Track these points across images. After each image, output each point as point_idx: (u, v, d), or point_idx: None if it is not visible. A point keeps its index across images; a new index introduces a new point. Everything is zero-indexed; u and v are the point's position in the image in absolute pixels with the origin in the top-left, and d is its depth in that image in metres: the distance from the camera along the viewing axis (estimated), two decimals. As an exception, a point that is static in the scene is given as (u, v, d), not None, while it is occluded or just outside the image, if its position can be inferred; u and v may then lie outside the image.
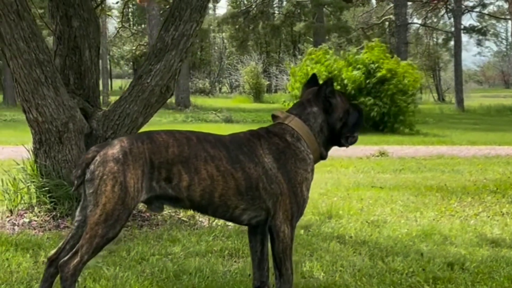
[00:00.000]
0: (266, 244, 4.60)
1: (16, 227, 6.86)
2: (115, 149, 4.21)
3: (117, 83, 75.10)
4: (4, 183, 7.49)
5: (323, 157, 4.64)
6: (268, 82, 52.76)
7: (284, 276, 4.46)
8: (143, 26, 54.13)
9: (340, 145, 4.70)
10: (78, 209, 4.40)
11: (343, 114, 4.60)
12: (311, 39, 50.76)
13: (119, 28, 44.97)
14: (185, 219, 7.30)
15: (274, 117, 4.64)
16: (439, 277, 5.19)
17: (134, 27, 50.54)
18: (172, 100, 39.70)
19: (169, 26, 7.15)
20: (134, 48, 55.51)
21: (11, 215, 7.22)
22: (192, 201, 4.33)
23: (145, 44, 45.27)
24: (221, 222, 7.19)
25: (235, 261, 5.76)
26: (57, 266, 4.27)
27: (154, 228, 6.93)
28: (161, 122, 28.96)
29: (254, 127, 4.76)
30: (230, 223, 7.09)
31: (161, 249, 6.00)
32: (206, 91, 56.58)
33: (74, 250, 4.28)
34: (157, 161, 4.23)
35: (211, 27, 55.56)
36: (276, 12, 55.30)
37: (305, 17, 49.20)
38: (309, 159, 4.46)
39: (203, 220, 7.29)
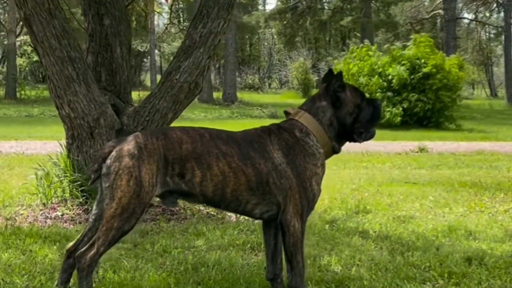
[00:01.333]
0: (279, 238, 4.68)
1: (48, 220, 7.04)
2: (130, 144, 4.35)
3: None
4: (39, 177, 7.69)
5: (335, 151, 4.70)
6: (317, 78, 52.58)
7: (296, 269, 4.54)
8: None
9: (353, 140, 4.74)
10: (95, 203, 4.56)
11: (353, 109, 4.64)
12: (359, 35, 50.57)
13: (168, 24, 45.48)
14: (213, 213, 7.41)
15: (286, 113, 4.72)
16: (455, 271, 5.21)
17: (183, 24, 50.76)
18: (219, 95, 39.97)
19: (197, 24, 7.27)
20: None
21: (45, 208, 7.43)
22: (205, 196, 4.44)
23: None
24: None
25: (255, 255, 5.85)
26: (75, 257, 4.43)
27: (182, 222, 7.05)
28: (206, 118, 29.24)
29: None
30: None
31: (184, 243, 6.12)
32: (255, 87, 56.60)
33: (90, 242, 4.42)
34: (171, 157, 4.35)
35: (260, 23, 55.63)
36: (326, 7, 55.08)
37: (353, 13, 48.96)
38: (318, 154, 4.53)
39: (231, 214, 7.39)
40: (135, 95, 22.32)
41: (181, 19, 57.55)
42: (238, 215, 7.32)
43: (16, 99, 37.68)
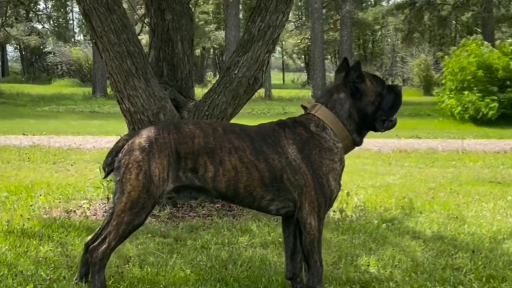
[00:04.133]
0: (298, 236, 4.52)
1: (106, 214, 7.11)
2: (142, 138, 4.30)
3: (289, 77, 75.93)
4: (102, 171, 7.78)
5: (356, 143, 4.51)
6: (439, 75, 51.29)
7: (313, 268, 4.39)
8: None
9: (375, 130, 4.55)
10: (113, 196, 4.52)
11: (375, 98, 4.45)
12: (480, 30, 48.99)
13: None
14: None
15: (303, 107, 4.55)
16: (494, 275, 4.93)
17: (299, 21, 50.85)
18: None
19: (255, 17, 7.16)
20: (299, 41, 55.95)
21: (108, 203, 7.51)
22: (219, 192, 4.34)
23: (308, 37, 45.39)
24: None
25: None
26: (91, 251, 4.42)
27: (236, 218, 6.96)
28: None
29: (409, 121, 4.67)
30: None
31: (227, 239, 6.04)
32: (377, 85, 55.68)
33: (103, 236, 4.41)
34: (183, 152, 4.27)
35: (377, 19, 54.88)
36: (446, 2, 53.68)
37: (473, 8, 47.48)
38: (336, 149, 4.35)
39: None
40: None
41: (297, 16, 57.54)
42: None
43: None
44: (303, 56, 72.93)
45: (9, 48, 71.85)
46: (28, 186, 8.51)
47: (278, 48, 72.04)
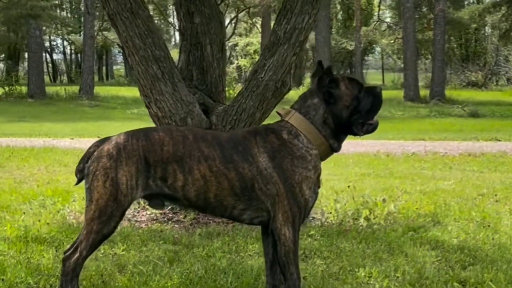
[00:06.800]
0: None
1: (126, 221, 7.10)
2: (110, 144, 4.24)
3: (389, 77, 74.80)
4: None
5: (334, 149, 4.30)
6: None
7: (289, 281, 4.23)
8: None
9: (354, 134, 4.32)
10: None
11: (351, 101, 4.23)
12: None
13: (376, 22, 44.95)
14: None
15: (278, 114, 4.38)
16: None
17: (391, 20, 50.07)
18: (426, 93, 38.81)
19: (281, 20, 6.99)
20: (392, 41, 54.99)
21: (139, 207, 7.50)
22: (189, 201, 4.24)
23: (401, 37, 44.59)
24: (332, 219, 7.00)
25: (303, 261, 5.52)
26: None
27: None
28: (402, 116, 28.58)
29: (499, 122, 4.47)
30: (344, 223, 6.88)
31: (237, 246, 5.91)
32: (479, 84, 54.30)
33: (75, 245, 4.36)
34: (152, 159, 4.18)
35: (474, 18, 53.37)
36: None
37: None
38: (309, 156, 4.17)
39: (318, 217, 7.10)
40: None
41: (387, 16, 56.55)
42: (324, 220, 7.02)
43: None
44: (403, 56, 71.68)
45: (115, 51, 73.56)
46: (67, 190, 8.58)
47: (377, 48, 71.12)
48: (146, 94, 7.11)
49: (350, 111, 4.23)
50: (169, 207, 7.25)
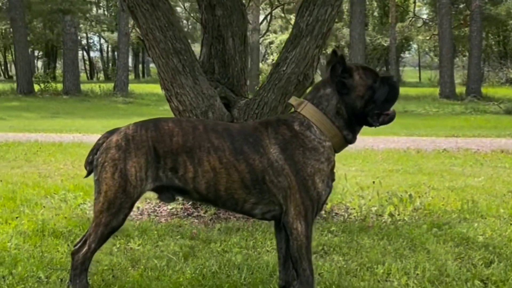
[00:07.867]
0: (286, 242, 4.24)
1: (139, 216, 7.01)
2: (119, 135, 4.15)
3: (426, 74, 74.05)
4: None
5: (348, 141, 4.15)
6: None
7: (302, 276, 4.09)
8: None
9: (370, 125, 4.17)
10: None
11: (365, 91, 4.08)
12: None
13: (412, 18, 44.46)
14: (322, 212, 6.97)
15: (290, 105, 4.24)
16: None
17: (427, 16, 49.55)
18: (462, 90, 38.34)
19: (303, 11, 6.85)
20: (428, 38, 54.50)
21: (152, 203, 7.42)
22: (200, 193, 4.12)
23: (437, 34, 44.09)
24: (356, 215, 6.85)
25: (321, 257, 5.39)
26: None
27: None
28: (436, 113, 28.25)
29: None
30: (367, 219, 6.74)
31: (254, 242, 5.79)
32: (518, 81, 53.48)
33: (84, 239, 4.28)
34: (161, 150, 4.07)
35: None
36: None
37: None
38: (322, 148, 4.02)
39: (341, 213, 6.97)
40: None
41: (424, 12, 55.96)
42: (347, 216, 6.87)
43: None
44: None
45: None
46: (89, 185, 8.50)
47: (414, 46, 70.43)
48: (167, 88, 7.03)
49: (364, 101, 4.08)
50: (190, 202, 7.17)
